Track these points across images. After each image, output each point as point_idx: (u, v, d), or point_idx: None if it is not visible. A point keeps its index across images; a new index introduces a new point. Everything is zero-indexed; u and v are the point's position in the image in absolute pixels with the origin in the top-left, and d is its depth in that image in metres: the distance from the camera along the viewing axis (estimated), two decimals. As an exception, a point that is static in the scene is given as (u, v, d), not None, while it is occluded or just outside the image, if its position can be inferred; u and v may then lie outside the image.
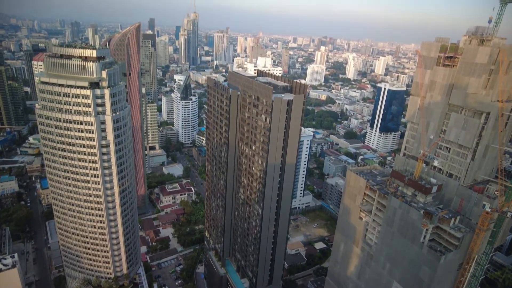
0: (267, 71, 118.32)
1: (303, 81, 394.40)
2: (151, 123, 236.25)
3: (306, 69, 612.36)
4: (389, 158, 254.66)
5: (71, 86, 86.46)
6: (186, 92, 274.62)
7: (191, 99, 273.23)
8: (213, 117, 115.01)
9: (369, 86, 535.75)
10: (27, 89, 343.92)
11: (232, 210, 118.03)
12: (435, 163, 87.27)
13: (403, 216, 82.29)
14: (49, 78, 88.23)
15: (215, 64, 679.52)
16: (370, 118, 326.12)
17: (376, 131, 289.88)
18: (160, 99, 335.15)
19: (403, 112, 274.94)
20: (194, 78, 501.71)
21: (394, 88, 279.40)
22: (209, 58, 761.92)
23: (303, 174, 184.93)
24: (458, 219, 78.27)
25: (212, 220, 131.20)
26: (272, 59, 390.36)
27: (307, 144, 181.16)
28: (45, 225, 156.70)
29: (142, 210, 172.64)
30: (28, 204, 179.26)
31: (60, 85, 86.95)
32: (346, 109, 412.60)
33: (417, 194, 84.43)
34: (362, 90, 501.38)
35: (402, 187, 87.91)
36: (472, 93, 76.41)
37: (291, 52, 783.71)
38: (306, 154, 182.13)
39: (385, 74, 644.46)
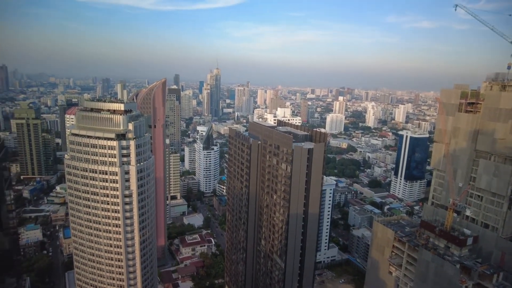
0: (287, 121, 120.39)
1: (322, 130, 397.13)
2: (174, 173, 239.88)
3: (325, 118, 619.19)
4: (416, 208, 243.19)
5: (99, 138, 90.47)
6: (208, 142, 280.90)
7: (213, 149, 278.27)
8: (234, 166, 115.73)
9: (390, 133, 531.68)
10: (58, 140, 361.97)
11: (253, 264, 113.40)
12: (467, 213, 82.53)
13: (437, 271, 76.26)
14: (79, 130, 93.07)
15: (236, 115, 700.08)
16: (393, 166, 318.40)
17: (401, 179, 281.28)
18: (183, 149, 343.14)
19: (428, 159, 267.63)
20: (216, 129, 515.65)
21: (416, 135, 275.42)
22: (230, 110, 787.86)
23: (327, 225, 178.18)
24: (501, 275, 71.65)
25: (233, 274, 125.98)
26: (291, 109, 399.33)
27: (330, 193, 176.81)
28: (64, 276, 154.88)
29: (161, 261, 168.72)
30: (50, 253, 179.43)
31: (89, 136, 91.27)
32: (369, 157, 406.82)
33: (450, 246, 78.93)
34: (383, 138, 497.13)
35: (433, 238, 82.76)
36: (500, 139, 74.12)
37: (309, 103, 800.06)
38: (329, 204, 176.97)
39: (406, 122, 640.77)
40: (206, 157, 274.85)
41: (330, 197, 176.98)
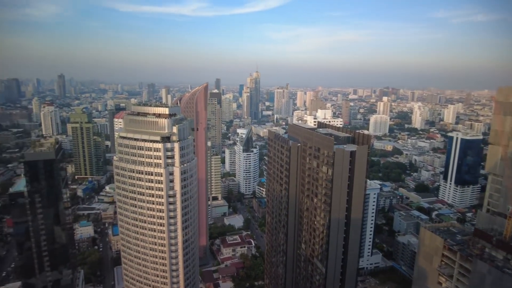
0: (328, 123, 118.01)
1: (366, 132, 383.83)
2: (215, 174, 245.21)
3: (369, 119, 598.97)
4: (468, 215, 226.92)
5: (145, 140, 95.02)
6: (247, 144, 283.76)
7: (252, 151, 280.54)
8: (273, 168, 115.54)
9: (438, 135, 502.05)
10: (108, 143, 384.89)
11: (293, 267, 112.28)
12: (530, 222, 75.44)
13: (495, 285, 70.50)
14: (127, 133, 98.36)
15: (275, 117, 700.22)
16: (442, 169, 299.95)
17: (451, 184, 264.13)
18: (223, 152, 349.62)
19: (482, 163, 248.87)
20: (255, 131, 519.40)
21: (468, 137, 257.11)
22: (269, 113, 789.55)
23: (371, 231, 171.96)
24: None
25: (273, 277, 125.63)
26: (332, 111, 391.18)
27: (374, 197, 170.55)
28: (113, 271, 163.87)
29: (203, 261, 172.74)
30: (100, 249, 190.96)
31: (135, 139, 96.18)
32: (415, 160, 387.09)
33: (510, 258, 72.52)
34: (431, 140, 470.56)
35: (489, 248, 76.57)
36: None
37: (351, 104, 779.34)
38: (373, 209, 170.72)
39: (456, 123, 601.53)
40: (246, 159, 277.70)
41: (374, 201, 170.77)
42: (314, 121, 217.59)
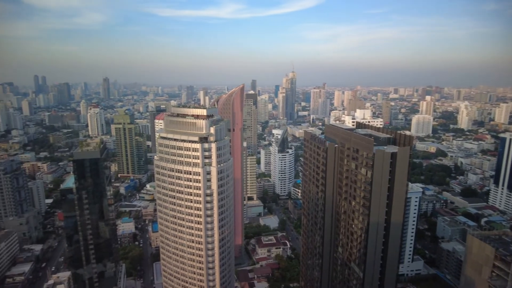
0: (367, 123, 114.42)
1: (407, 133, 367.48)
2: (250, 175, 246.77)
3: (410, 120, 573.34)
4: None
5: (184, 141, 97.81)
6: (283, 145, 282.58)
7: (288, 152, 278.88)
8: (309, 169, 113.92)
9: (488, 136, 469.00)
10: (149, 143, 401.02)
11: (329, 271, 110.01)
12: None
13: (553, 300, 64.48)
14: (167, 134, 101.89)
15: (311, 118, 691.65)
16: (493, 173, 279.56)
17: (503, 188, 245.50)
18: (259, 152, 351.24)
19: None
20: (291, 132, 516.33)
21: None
22: (305, 113, 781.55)
23: (412, 236, 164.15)
24: None
25: (308, 279, 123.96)
26: (372, 110, 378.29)
27: (416, 201, 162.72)
28: (152, 266, 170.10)
29: (238, 260, 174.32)
30: (141, 245, 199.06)
31: (175, 139, 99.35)
32: (461, 162, 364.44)
33: None
34: (479, 141, 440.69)
35: (548, 261, 70.16)
36: None
37: (392, 103, 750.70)
38: (414, 213, 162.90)
39: (510, 123, 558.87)
40: (281, 160, 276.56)
41: (415, 205, 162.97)
42: (353, 122, 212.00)
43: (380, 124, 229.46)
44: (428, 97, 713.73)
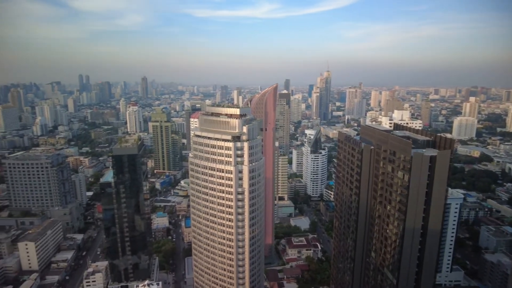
0: (405, 125, 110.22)
1: (448, 135, 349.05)
2: (282, 175, 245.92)
3: (452, 122, 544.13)
4: None
5: (217, 139, 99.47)
6: (316, 146, 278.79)
7: (321, 153, 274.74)
8: (343, 171, 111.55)
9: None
10: (184, 140, 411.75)
11: (361, 275, 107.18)
12: None
13: None
14: (201, 132, 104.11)
15: (346, 118, 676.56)
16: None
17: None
18: (291, 152, 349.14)
19: None
20: (324, 132, 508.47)
21: None
22: (340, 113, 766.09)
23: (451, 245, 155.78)
24: None
25: (339, 283, 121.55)
26: (410, 112, 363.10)
27: (456, 208, 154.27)
28: (184, 261, 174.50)
29: (268, 259, 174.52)
30: (174, 240, 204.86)
31: (209, 138, 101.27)
32: (509, 168, 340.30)
33: None
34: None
35: None
36: None
37: (432, 104, 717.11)
38: (454, 220, 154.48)
39: None
40: (314, 160, 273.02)
41: (456, 212, 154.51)
42: (390, 123, 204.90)
43: (419, 126, 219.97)
44: (472, 98, 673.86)
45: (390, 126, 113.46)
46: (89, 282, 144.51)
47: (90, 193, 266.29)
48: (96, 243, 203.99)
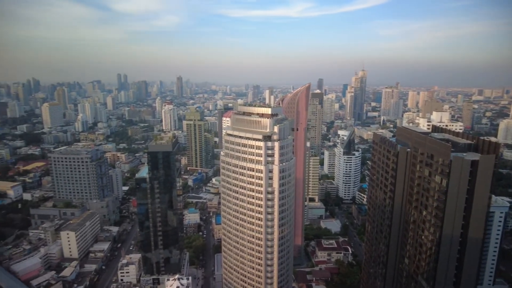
0: (444, 127, 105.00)
1: (493, 139, 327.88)
2: (313, 176, 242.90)
3: (497, 125, 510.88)
4: None
5: (248, 138, 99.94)
6: (349, 147, 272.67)
7: (354, 154, 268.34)
8: (377, 174, 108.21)
9: None
10: (216, 139, 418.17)
11: (393, 282, 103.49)
12: None
13: None
14: (233, 131, 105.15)
15: (382, 119, 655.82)
16: None
17: None
18: (323, 153, 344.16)
19: None
20: (358, 133, 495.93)
21: None
22: (375, 114, 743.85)
23: (494, 256, 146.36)
24: None
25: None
26: (450, 113, 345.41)
27: (501, 216, 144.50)
28: (214, 257, 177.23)
29: (297, 261, 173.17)
30: (204, 236, 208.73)
31: (240, 137, 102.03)
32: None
33: None
34: None
35: None
36: None
37: (475, 106, 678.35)
38: (498, 230, 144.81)
39: None
40: (346, 162, 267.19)
41: (500, 221, 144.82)
42: (428, 125, 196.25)
43: (460, 129, 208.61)
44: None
45: (428, 128, 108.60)
46: (123, 273, 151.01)
47: (126, 188, 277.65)
48: (130, 236, 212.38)
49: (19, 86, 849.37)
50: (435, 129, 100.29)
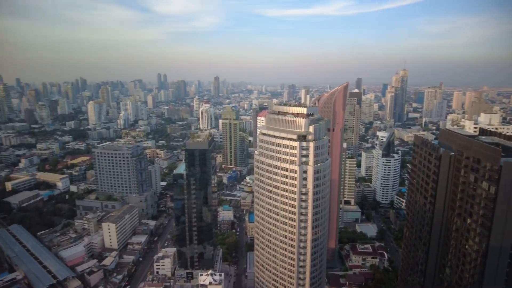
0: (493, 130, 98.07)
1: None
2: (349, 178, 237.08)
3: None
4: None
5: (283, 138, 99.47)
6: (388, 149, 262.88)
7: (393, 157, 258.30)
8: (418, 178, 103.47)
9: None
10: (251, 138, 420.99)
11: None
12: None
13: None
14: (267, 130, 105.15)
15: (423, 121, 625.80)
16: None
17: None
18: (360, 155, 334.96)
19: None
20: (398, 135, 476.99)
21: None
22: (417, 115, 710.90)
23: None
24: None
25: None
26: (501, 115, 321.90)
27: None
28: (246, 255, 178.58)
29: (330, 264, 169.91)
30: (237, 233, 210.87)
31: (275, 136, 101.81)
32: None
33: None
34: None
35: None
36: None
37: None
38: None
39: None
40: (385, 165, 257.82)
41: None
42: (475, 127, 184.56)
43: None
44: None
45: (475, 131, 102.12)
46: (158, 265, 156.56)
47: (163, 183, 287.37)
48: (166, 230, 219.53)
49: (68, 85, 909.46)
50: (483, 132, 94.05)
